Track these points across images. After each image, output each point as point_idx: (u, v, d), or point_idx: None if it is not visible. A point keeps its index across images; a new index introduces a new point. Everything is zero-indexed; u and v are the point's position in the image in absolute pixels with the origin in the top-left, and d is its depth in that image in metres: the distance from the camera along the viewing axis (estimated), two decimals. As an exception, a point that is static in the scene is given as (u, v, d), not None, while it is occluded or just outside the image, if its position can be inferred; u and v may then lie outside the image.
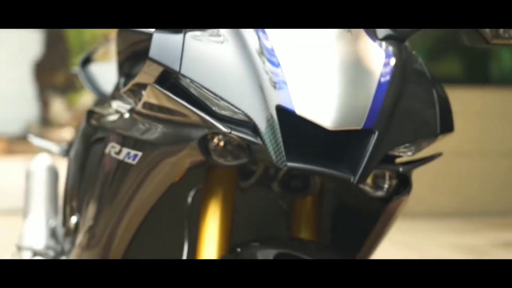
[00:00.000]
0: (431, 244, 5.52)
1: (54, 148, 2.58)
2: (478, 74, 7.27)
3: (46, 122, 14.85)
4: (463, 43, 1.57)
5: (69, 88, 14.58)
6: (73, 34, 14.50)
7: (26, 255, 2.37)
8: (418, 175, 6.58)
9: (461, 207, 7.00)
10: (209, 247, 1.47)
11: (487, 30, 1.52)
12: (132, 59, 1.86)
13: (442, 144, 1.79)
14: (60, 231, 2.45)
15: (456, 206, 7.00)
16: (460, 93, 6.98)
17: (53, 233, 2.44)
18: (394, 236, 6.04)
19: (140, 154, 1.48)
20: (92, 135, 1.83)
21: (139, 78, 1.47)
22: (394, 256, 5.15)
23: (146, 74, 1.45)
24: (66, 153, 2.51)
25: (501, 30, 1.52)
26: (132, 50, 1.85)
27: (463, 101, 7.01)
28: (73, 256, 1.84)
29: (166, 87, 1.41)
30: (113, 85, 2.24)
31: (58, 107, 14.90)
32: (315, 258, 1.39)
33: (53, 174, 2.65)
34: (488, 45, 1.53)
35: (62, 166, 2.88)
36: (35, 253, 2.36)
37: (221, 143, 1.40)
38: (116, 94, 1.90)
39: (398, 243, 5.57)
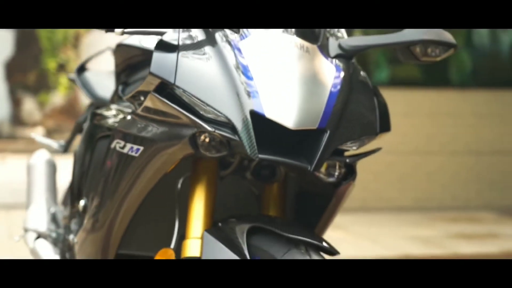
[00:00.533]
0: (390, 236, 5.84)
1: (54, 144, 2.91)
2: (437, 77, 7.56)
3: (17, 121, 14.99)
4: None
5: (40, 88, 14.75)
6: (45, 35, 14.65)
7: (32, 236, 2.71)
8: (377, 173, 6.97)
9: (418, 202, 7.31)
10: (196, 223, 1.83)
11: (417, 48, 1.89)
12: (128, 70, 2.22)
13: (400, 142, 2.15)
14: (60, 216, 2.79)
15: (413, 201, 7.32)
16: (418, 95, 7.32)
17: (53, 218, 2.78)
18: (356, 229, 6.40)
19: (141, 148, 1.84)
20: (97, 133, 2.17)
21: (141, 87, 1.82)
22: (355, 245, 5.49)
23: (147, 84, 1.81)
24: (64, 149, 2.84)
25: (429, 49, 1.89)
26: (128, 63, 2.20)
27: (420, 102, 7.32)
28: (79, 237, 2.18)
29: (163, 95, 1.77)
30: (111, 91, 2.58)
31: (29, 106, 15.05)
32: (282, 231, 1.75)
33: (52, 167, 2.97)
34: (418, 62, 1.90)
35: (60, 161, 3.21)
36: (39, 235, 2.69)
37: (207, 140, 1.76)
38: (115, 99, 2.25)
39: (360, 235, 5.90)
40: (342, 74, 1.84)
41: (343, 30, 2.00)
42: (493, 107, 7.50)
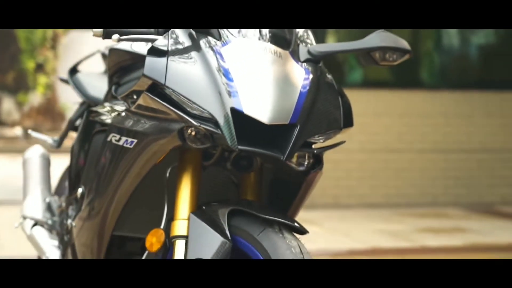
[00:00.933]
0: (361, 230, 6.09)
1: (49, 140, 3.14)
2: (408, 79, 7.80)
3: (-5, 121, 15.13)
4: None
5: (19, 88, 14.88)
6: (23, 35, 14.78)
7: (29, 224, 2.94)
8: (349, 171, 7.17)
9: (389, 200, 7.54)
10: (183, 206, 2.08)
11: (377, 54, 2.15)
12: (120, 72, 2.46)
13: (372, 141, 2.40)
14: (55, 205, 3.03)
15: (383, 198, 7.55)
16: (389, 96, 7.55)
17: (49, 207, 3.01)
18: (329, 224, 6.63)
19: (135, 141, 2.08)
20: (93, 129, 2.41)
21: (135, 87, 2.07)
22: (329, 239, 5.72)
23: (140, 84, 2.05)
24: (58, 144, 3.08)
25: (387, 55, 2.16)
26: (120, 65, 2.45)
27: (391, 103, 7.55)
28: (77, 221, 2.42)
29: (154, 94, 2.02)
30: (101, 91, 2.82)
31: (8, 106, 15.18)
32: (258, 213, 2.00)
33: (46, 160, 3.21)
34: (378, 65, 2.17)
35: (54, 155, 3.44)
36: (36, 222, 2.93)
37: (193, 133, 2.01)
38: (108, 98, 2.49)
39: (333, 230, 6.14)
40: (310, 76, 2.10)
41: (311, 37, 2.26)
42: (461, 107, 7.74)
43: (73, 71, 3.12)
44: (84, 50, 14.33)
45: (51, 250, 2.81)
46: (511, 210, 7.41)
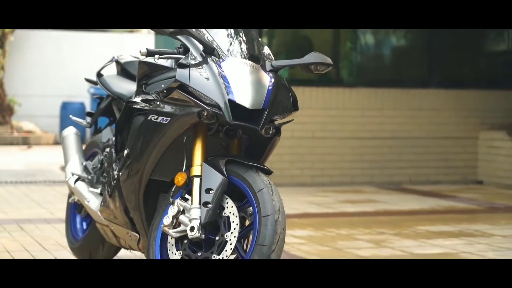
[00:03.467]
0: (292, 202, 7.32)
1: (84, 122, 4.42)
2: (330, 77, 8.95)
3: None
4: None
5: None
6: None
7: (73, 179, 4.21)
8: (281, 155, 8.61)
9: (315, 179, 8.75)
10: (197, 158, 3.39)
11: (312, 67, 3.51)
12: (146, 77, 3.76)
13: (300, 129, 3.75)
14: (89, 167, 4.32)
15: (310, 178, 8.73)
16: (314, 91, 8.74)
17: (85, 168, 4.30)
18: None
19: (169, 119, 3.40)
20: (133, 112, 3.68)
21: (171, 85, 3.38)
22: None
23: (172, 85, 3.37)
24: (90, 125, 4.37)
25: (318, 67, 3.54)
26: (148, 73, 3.75)
27: (316, 97, 8.72)
28: (123, 172, 3.59)
29: (182, 91, 3.35)
30: (120, 88, 4.12)
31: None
32: (243, 161, 3.35)
33: (78, 136, 4.46)
34: (312, 74, 3.55)
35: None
36: (78, 178, 4.22)
37: (205, 114, 3.34)
38: (138, 92, 3.77)
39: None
40: (273, 80, 3.46)
41: (272, 56, 3.61)
42: (374, 102, 8.94)
43: (99, 74, 4.40)
44: (31, 46, 15.20)
45: (92, 197, 4.10)
46: (415, 187, 8.73)
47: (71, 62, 16.76)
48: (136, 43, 17.45)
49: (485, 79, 9.68)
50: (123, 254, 4.58)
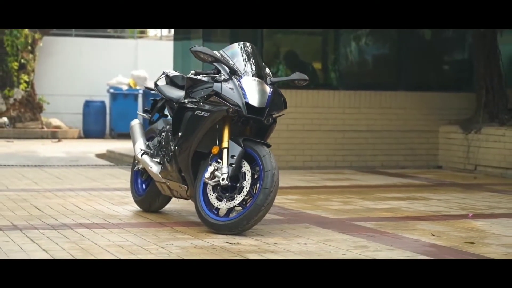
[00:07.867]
0: (286, 179, 9.13)
1: (146, 115, 6.57)
2: (318, 81, 10.73)
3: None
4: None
5: (5, 84, 17.76)
6: (7, 39, 17.54)
7: (140, 153, 6.31)
8: (278, 144, 11.00)
9: (305, 164, 10.56)
10: (225, 138, 5.50)
11: (296, 82, 5.72)
12: (191, 87, 5.93)
13: (292, 123, 5.92)
14: (151, 145, 6.47)
15: (302, 163, 10.55)
16: (304, 93, 10.50)
17: (148, 146, 6.44)
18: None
19: (208, 113, 5.53)
20: (184, 109, 5.81)
21: (210, 93, 5.53)
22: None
23: (211, 93, 5.52)
24: (151, 118, 6.54)
25: (300, 82, 5.73)
26: (192, 84, 5.93)
27: (306, 98, 10.51)
28: (178, 147, 5.69)
29: (217, 96, 5.52)
30: (171, 93, 6.30)
31: (-5, 99, 17.92)
32: (254, 139, 5.53)
33: (141, 125, 6.56)
34: (296, 86, 5.73)
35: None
36: (143, 152, 6.36)
37: (231, 110, 5.45)
38: (186, 97, 5.92)
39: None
40: (272, 89, 5.61)
41: (271, 74, 5.78)
42: (353, 101, 10.73)
43: (155, 84, 6.57)
44: (57, 51, 17.20)
45: (153, 165, 6.24)
46: (385, 170, 10.64)
47: (92, 65, 18.66)
48: (148, 47, 19.56)
49: (444, 83, 11.48)
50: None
